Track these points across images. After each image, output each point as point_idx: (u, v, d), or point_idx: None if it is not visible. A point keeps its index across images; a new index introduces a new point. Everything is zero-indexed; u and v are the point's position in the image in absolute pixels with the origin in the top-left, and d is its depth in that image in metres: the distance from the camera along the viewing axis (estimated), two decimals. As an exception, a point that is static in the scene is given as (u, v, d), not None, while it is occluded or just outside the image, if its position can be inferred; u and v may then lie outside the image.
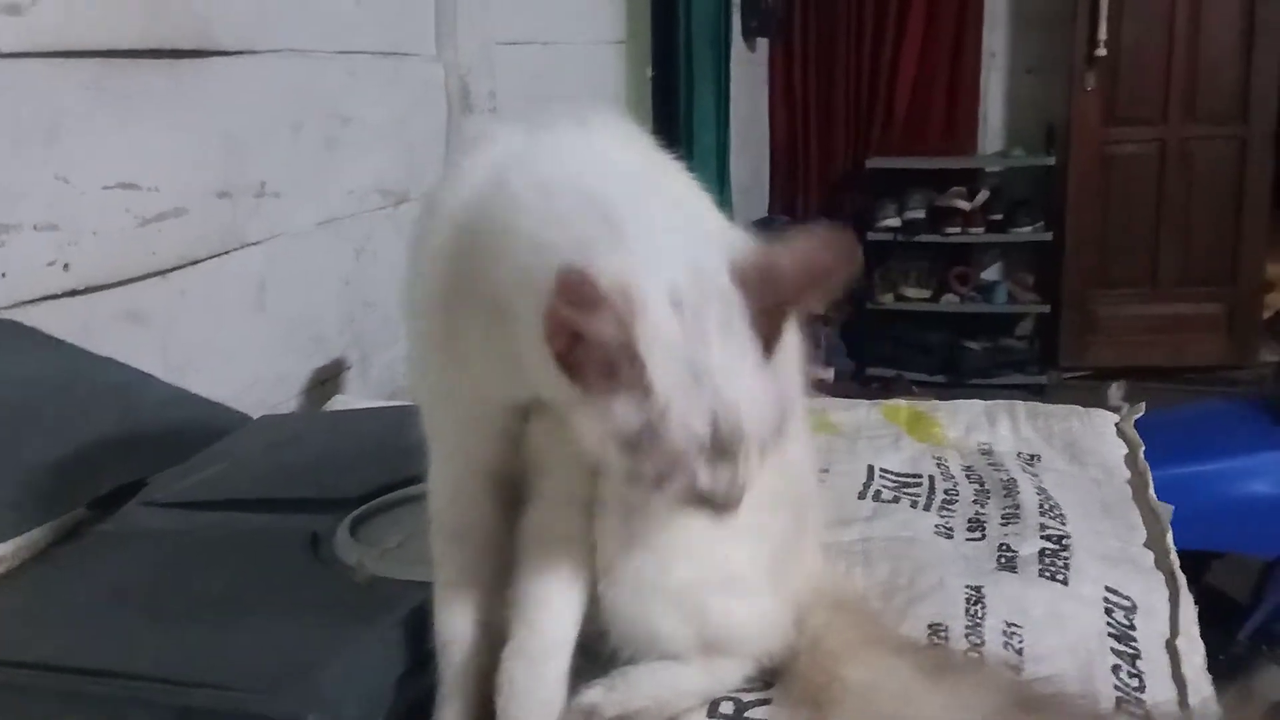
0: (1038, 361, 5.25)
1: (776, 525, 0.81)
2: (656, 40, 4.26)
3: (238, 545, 1.01)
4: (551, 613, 0.77)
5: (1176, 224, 5.14)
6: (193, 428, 1.31)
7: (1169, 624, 0.96)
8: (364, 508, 0.99)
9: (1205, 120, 5.03)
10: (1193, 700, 0.87)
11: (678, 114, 4.41)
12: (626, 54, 4.00)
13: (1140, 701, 0.85)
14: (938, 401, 1.38)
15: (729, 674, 0.83)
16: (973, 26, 5.37)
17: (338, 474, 1.11)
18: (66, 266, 1.63)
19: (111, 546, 1.06)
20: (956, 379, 5.02)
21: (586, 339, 0.59)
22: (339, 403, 1.71)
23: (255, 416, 1.62)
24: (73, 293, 1.64)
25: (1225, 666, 1.73)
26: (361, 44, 2.41)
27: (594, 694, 0.79)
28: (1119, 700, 0.84)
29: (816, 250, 0.64)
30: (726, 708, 0.81)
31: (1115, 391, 1.33)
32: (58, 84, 1.61)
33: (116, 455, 1.21)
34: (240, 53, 1.99)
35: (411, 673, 0.81)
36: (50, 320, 1.53)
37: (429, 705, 0.81)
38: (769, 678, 0.83)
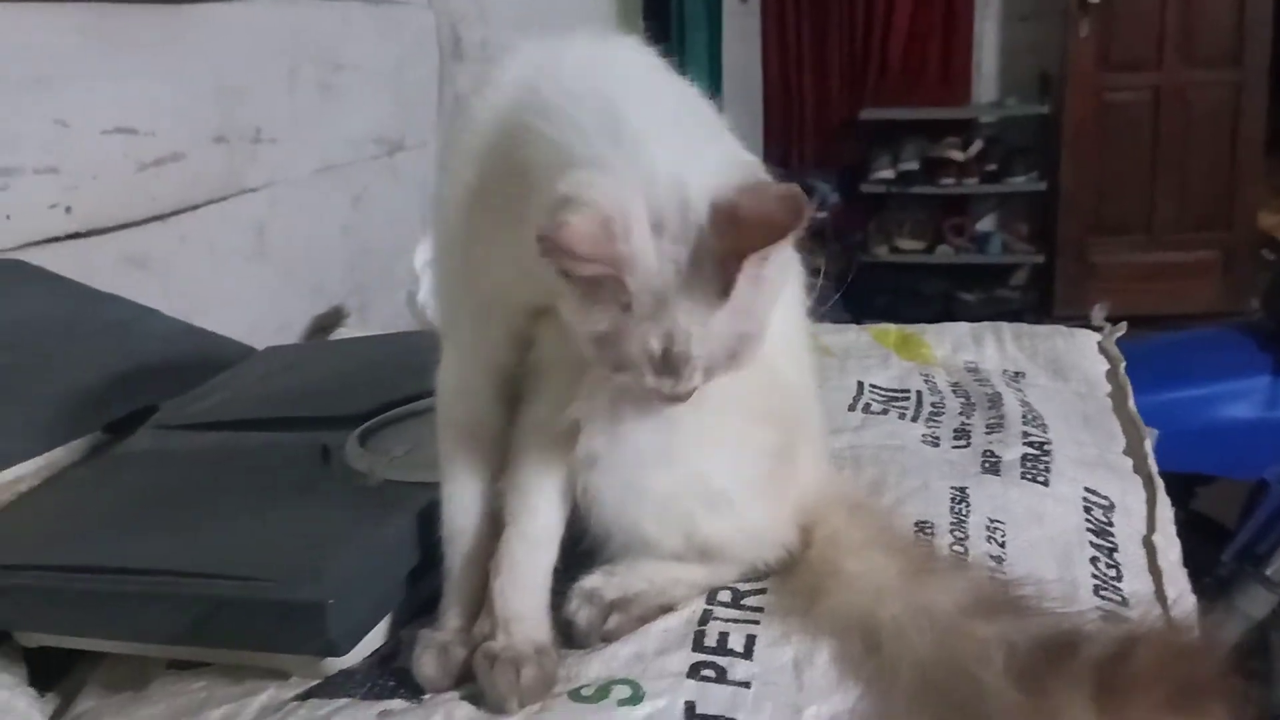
0: (1033, 311, 5.27)
1: (763, 439, 0.83)
2: (649, -11, 4.25)
3: (251, 459, 1.05)
4: (549, 501, 0.81)
5: (1172, 171, 5.15)
6: (198, 359, 1.34)
7: (1146, 522, 0.99)
8: (371, 422, 1.03)
9: (1200, 65, 5.02)
10: (1168, 590, 0.91)
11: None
12: (618, 3, 4.00)
13: (1117, 588, 0.89)
14: (925, 325, 1.41)
15: (725, 572, 0.86)
16: (965, -26, 5.35)
17: (341, 394, 1.15)
18: (68, 209, 1.65)
19: (128, 465, 1.09)
20: (952, 329, 5.04)
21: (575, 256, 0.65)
22: (341, 335, 1.74)
23: (259, 353, 1.65)
24: (75, 235, 1.67)
25: (1211, 588, 1.78)
26: (353, -10, 2.42)
27: (595, 579, 0.83)
28: (1096, 587, 0.88)
29: (771, 204, 0.67)
30: (724, 595, 0.85)
31: (1098, 312, 1.37)
32: (52, 29, 1.62)
33: (126, 384, 1.24)
34: (233, -2, 2.01)
35: (420, 569, 0.85)
36: (53, 263, 1.55)
37: (434, 602, 0.85)
38: (768, 572, 0.87)
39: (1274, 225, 5.29)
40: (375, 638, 0.84)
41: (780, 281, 0.73)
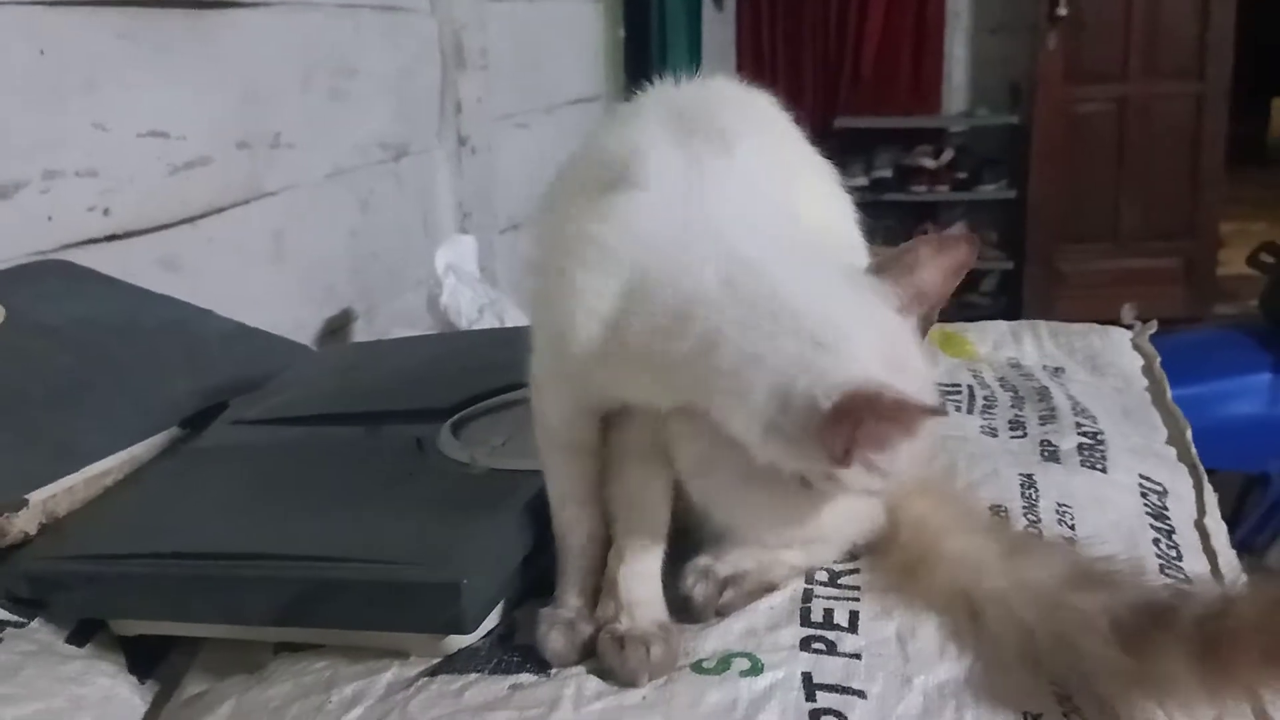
0: (1002, 316, 5.34)
1: None
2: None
3: (340, 451, 1.08)
4: (657, 502, 0.86)
5: (1137, 180, 5.29)
6: (257, 358, 1.37)
7: (1195, 507, 1.06)
8: (460, 414, 1.06)
9: (1164, 77, 5.17)
10: (1223, 568, 0.97)
11: (650, 74, 4.46)
12: (603, 13, 4.05)
13: (1179, 567, 0.95)
14: (964, 323, 1.47)
15: (824, 554, 0.92)
16: (936, -14, 5.46)
17: (416, 389, 1.18)
18: (107, 211, 1.67)
19: (214, 459, 1.12)
20: (923, 334, 5.14)
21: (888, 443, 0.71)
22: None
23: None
24: (112, 237, 1.69)
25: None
26: (363, -2, 2.45)
27: (705, 558, 0.88)
28: (1161, 566, 0.94)
29: (948, 256, 0.77)
30: (821, 576, 0.90)
31: (1128, 311, 1.45)
32: (93, 33, 1.65)
33: (195, 381, 1.26)
34: (256, 4, 2.03)
35: (535, 552, 0.89)
36: (92, 265, 1.57)
37: (544, 583, 0.89)
38: (859, 553, 0.92)
39: (1233, 233, 5.46)
40: (492, 617, 0.88)
41: None
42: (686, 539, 0.89)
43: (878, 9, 5.52)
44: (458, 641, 0.85)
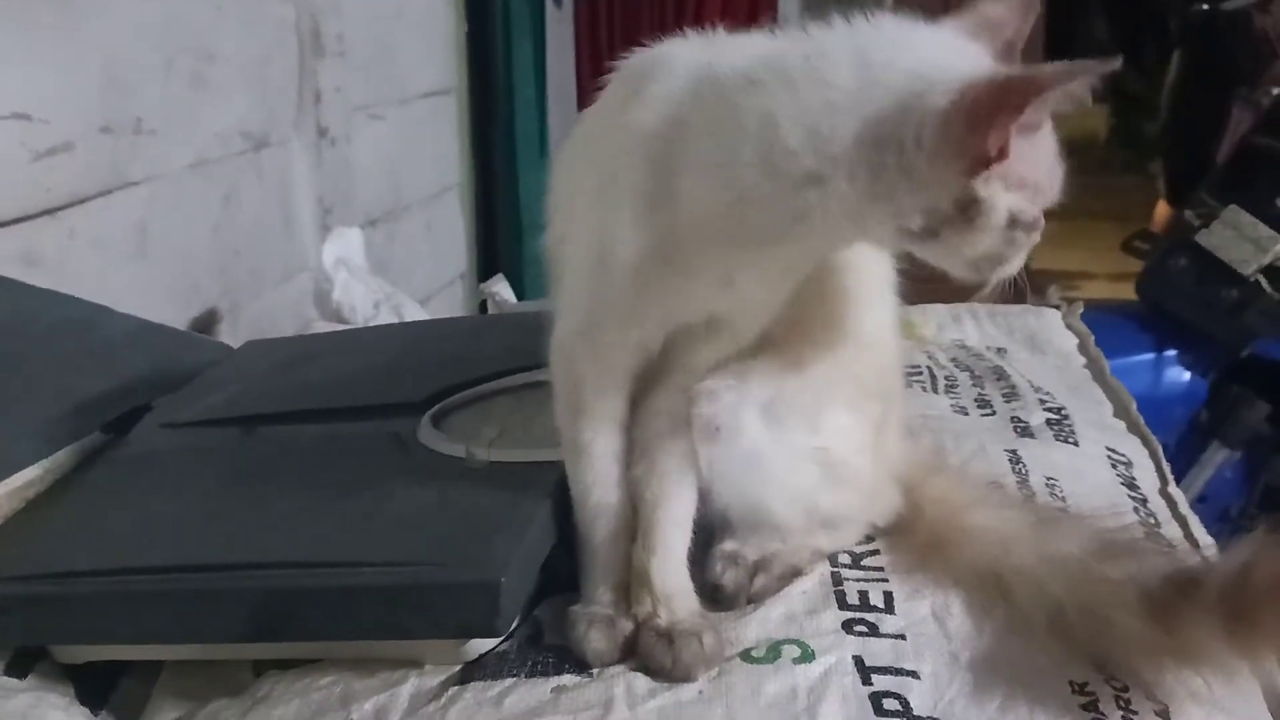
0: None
1: (870, 410, 0.88)
2: (471, -11, 4.21)
3: (307, 450, 0.99)
4: (688, 486, 0.83)
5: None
6: (173, 355, 1.26)
7: (1157, 476, 1.09)
8: (439, 407, 1.00)
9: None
10: (1196, 534, 1.00)
11: (495, 66, 4.38)
12: (454, 3, 3.94)
13: (1160, 535, 0.98)
14: (907, 305, 1.49)
15: (846, 537, 0.90)
16: (767, -5, 5.59)
17: (372, 384, 1.10)
18: (-33, 202, 1.51)
19: (151, 464, 1.01)
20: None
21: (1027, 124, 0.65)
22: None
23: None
24: (-26, 230, 1.53)
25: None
26: (223, -22, 2.30)
27: (731, 544, 0.86)
28: (1145, 534, 0.97)
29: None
30: (844, 559, 0.88)
31: (1054, 292, 1.51)
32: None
33: (108, 381, 1.15)
34: (119, -21, 1.88)
35: (557, 547, 0.84)
36: (-49, 259, 1.42)
37: (567, 578, 0.85)
38: (874, 535, 0.91)
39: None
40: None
41: None
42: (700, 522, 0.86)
43: (712, 14, 5.60)
44: (479, 646, 0.80)
